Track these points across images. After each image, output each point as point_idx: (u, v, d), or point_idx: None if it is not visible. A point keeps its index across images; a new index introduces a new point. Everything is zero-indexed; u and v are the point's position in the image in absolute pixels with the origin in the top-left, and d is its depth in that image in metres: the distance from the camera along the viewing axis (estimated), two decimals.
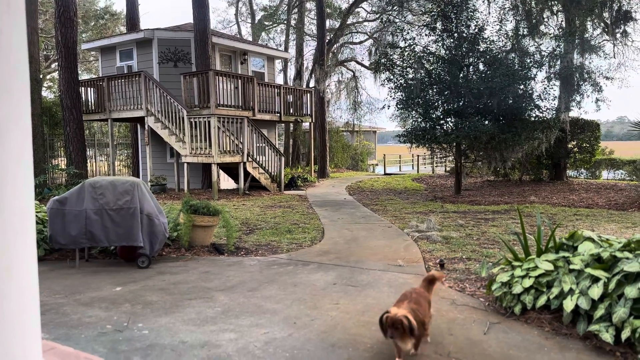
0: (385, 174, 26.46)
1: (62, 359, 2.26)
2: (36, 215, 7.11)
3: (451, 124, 14.61)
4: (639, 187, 14.38)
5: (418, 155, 29.01)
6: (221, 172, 16.25)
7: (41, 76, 19.93)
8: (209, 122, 14.06)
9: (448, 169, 24.60)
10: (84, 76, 31.52)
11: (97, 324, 4.05)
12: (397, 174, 26.00)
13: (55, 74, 30.79)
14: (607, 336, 3.45)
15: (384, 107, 16.00)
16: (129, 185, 6.16)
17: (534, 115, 14.38)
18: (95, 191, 6.03)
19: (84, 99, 16.63)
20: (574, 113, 16.00)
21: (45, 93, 30.08)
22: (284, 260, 6.59)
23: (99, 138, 23.33)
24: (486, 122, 14.06)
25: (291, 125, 25.69)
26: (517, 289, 4.29)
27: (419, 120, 14.91)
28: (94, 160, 21.16)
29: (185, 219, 7.19)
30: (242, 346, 3.59)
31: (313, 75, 26.75)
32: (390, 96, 14.98)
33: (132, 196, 6.09)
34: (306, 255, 6.84)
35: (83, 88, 16.74)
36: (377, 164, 33.34)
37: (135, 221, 6.06)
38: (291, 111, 18.82)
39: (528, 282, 4.26)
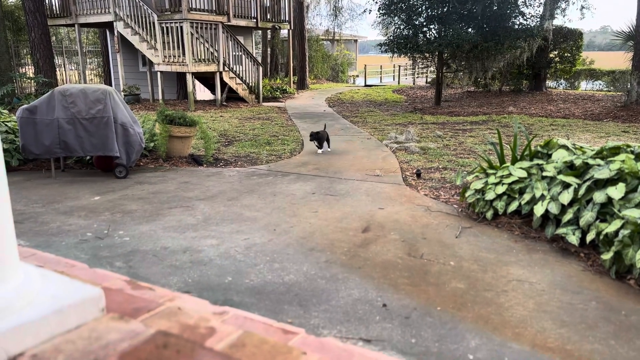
0: (366, 85, 26.06)
1: (44, 264, 2.27)
2: (6, 125, 6.89)
3: (434, 32, 14.23)
4: (615, 98, 14.53)
5: (399, 66, 28.47)
6: (197, 82, 15.75)
7: None
8: (181, 27, 13.36)
9: (429, 80, 24.30)
10: None
11: (77, 231, 4.08)
12: (377, 86, 25.63)
13: None
14: (574, 238, 3.63)
15: (365, 11, 15.88)
16: (100, 93, 5.93)
17: (517, 22, 14.05)
18: (65, 99, 5.81)
19: (47, 1, 15.52)
20: (558, 21, 15.75)
21: None
22: (264, 171, 6.62)
23: (67, 45, 22.14)
24: (469, 30, 13.72)
25: (269, 32, 24.63)
26: (489, 195, 4.42)
27: (402, 27, 14.46)
28: (63, 69, 20.23)
29: (161, 129, 7.05)
30: (224, 251, 3.68)
31: None
32: (374, 0, 14.39)
33: (104, 105, 5.89)
34: (285, 167, 6.86)
35: None
36: (357, 75, 32.67)
37: (109, 131, 5.91)
38: (268, 17, 17.96)
39: (501, 189, 4.38)
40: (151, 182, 5.95)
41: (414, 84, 26.32)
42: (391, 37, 14.53)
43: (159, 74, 14.10)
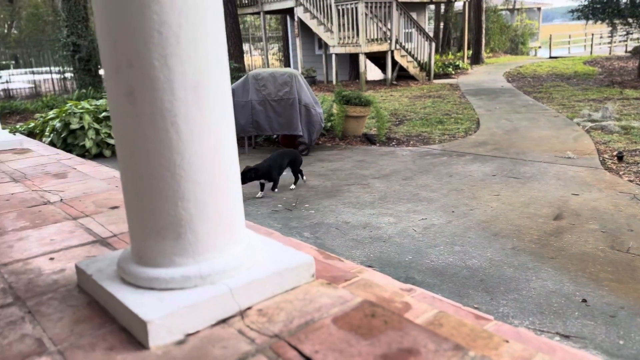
0: (551, 57, 23.53)
1: (267, 235, 2.51)
2: None
3: None
4: None
5: (592, 34, 25.08)
6: (368, 62, 15.96)
7: None
8: (356, 8, 13.61)
9: (630, 48, 20.97)
10: None
11: (270, 203, 4.49)
12: (565, 57, 22.98)
13: None
14: None
15: None
16: (287, 76, 6.38)
17: None
18: (258, 83, 6.39)
19: None
20: None
21: None
22: (437, 151, 6.45)
23: (252, 32, 24.31)
24: None
25: (442, 6, 23.74)
26: None
27: None
28: (249, 55, 22.30)
29: (338, 109, 7.32)
30: (402, 229, 3.69)
31: None
32: None
33: (290, 87, 6.34)
34: (460, 146, 6.60)
35: None
36: (540, 47, 29.68)
37: (294, 111, 6.35)
38: None
39: None
40: (330, 159, 6.24)
41: (610, 53, 22.99)
42: (585, 2, 12.84)
43: (333, 56, 14.62)
